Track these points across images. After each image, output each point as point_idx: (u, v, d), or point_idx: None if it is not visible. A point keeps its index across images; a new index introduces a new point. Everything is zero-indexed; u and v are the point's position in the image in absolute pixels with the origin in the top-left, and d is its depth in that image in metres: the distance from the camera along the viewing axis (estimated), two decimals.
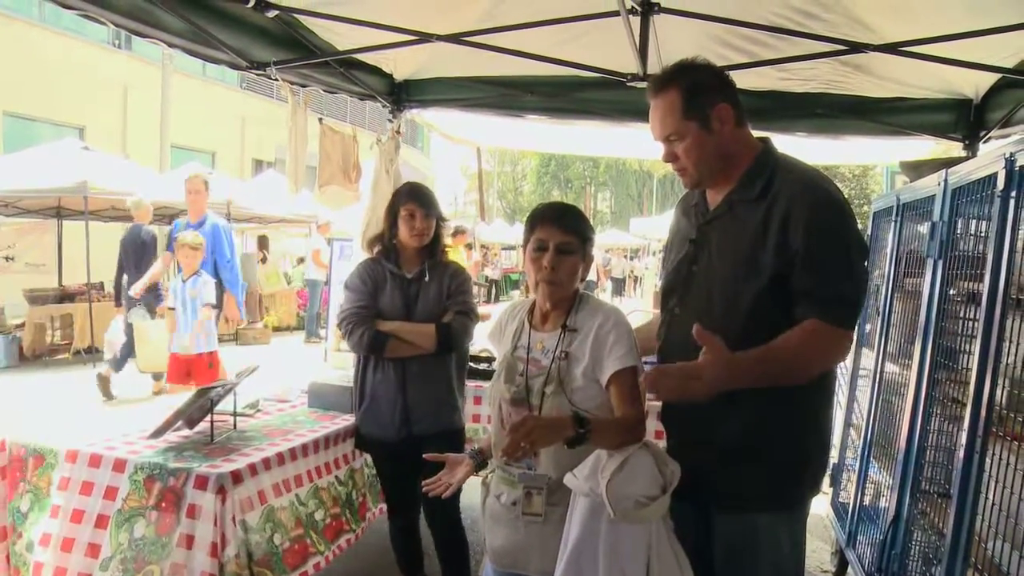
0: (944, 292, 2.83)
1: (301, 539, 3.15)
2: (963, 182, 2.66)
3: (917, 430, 2.90)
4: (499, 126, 6.12)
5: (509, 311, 2.56)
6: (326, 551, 3.29)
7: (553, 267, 2.26)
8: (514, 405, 2.32)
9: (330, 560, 3.33)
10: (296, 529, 3.13)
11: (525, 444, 1.98)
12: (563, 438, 2.04)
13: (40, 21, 16.80)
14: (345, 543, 3.51)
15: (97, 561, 2.88)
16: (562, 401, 2.25)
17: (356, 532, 3.60)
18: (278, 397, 4.12)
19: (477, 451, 2.58)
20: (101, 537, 2.90)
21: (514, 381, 2.33)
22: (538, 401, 2.28)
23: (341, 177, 5.11)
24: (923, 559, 2.82)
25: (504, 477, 2.35)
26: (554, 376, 2.27)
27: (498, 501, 2.37)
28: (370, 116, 24.89)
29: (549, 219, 2.31)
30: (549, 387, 2.26)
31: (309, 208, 13.47)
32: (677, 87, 2.11)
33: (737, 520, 2.13)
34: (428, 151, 37.21)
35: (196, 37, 3.88)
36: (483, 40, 4.28)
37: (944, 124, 5.04)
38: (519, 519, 2.28)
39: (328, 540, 3.35)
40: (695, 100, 2.10)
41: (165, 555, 2.78)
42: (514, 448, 1.98)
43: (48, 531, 2.97)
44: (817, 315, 1.94)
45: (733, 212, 2.13)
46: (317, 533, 3.28)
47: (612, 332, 2.27)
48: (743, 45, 4.28)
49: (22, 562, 3.03)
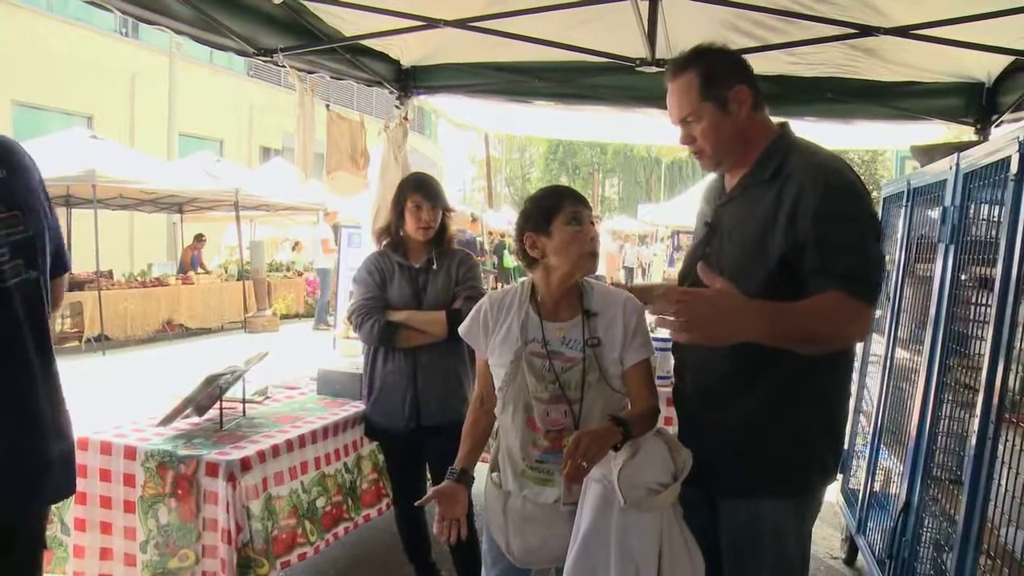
0: (956, 277, 2.81)
1: (292, 528, 3.15)
2: (975, 166, 2.63)
3: (928, 416, 2.89)
4: (507, 112, 6.10)
5: (494, 303, 2.39)
6: (318, 540, 3.30)
7: (598, 238, 2.26)
8: (551, 404, 2.22)
9: (320, 549, 3.32)
10: (289, 518, 3.14)
11: (584, 463, 1.94)
12: (613, 444, 2.02)
13: (48, 10, 16.84)
14: (343, 531, 3.52)
15: (136, 543, 2.99)
16: (604, 389, 2.22)
17: (355, 520, 3.61)
18: (287, 384, 4.14)
19: (460, 472, 2.37)
20: (133, 521, 3.00)
21: (545, 379, 2.23)
22: (577, 394, 2.21)
23: (349, 164, 5.10)
24: (934, 545, 2.81)
25: (536, 475, 2.27)
26: (592, 364, 2.22)
27: (531, 502, 2.28)
28: (377, 103, 24.92)
29: (574, 194, 2.31)
30: (591, 376, 2.21)
31: (317, 196, 13.50)
32: (695, 69, 2.10)
33: (742, 506, 2.13)
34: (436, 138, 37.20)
35: (203, 24, 3.87)
36: (491, 25, 4.26)
37: (956, 108, 4.99)
38: (560, 515, 2.22)
39: (324, 528, 3.36)
40: (713, 82, 2.08)
41: (195, 539, 2.88)
42: (577, 472, 1.94)
43: (80, 516, 3.05)
44: (836, 287, 1.87)
45: (746, 194, 2.12)
46: (314, 521, 3.29)
47: (635, 316, 2.26)
48: (752, 29, 4.24)
49: (57, 543, 3.09)
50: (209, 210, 16.11)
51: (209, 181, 13.64)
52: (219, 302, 14.11)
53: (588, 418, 2.21)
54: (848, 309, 1.89)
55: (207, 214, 16.61)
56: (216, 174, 13.95)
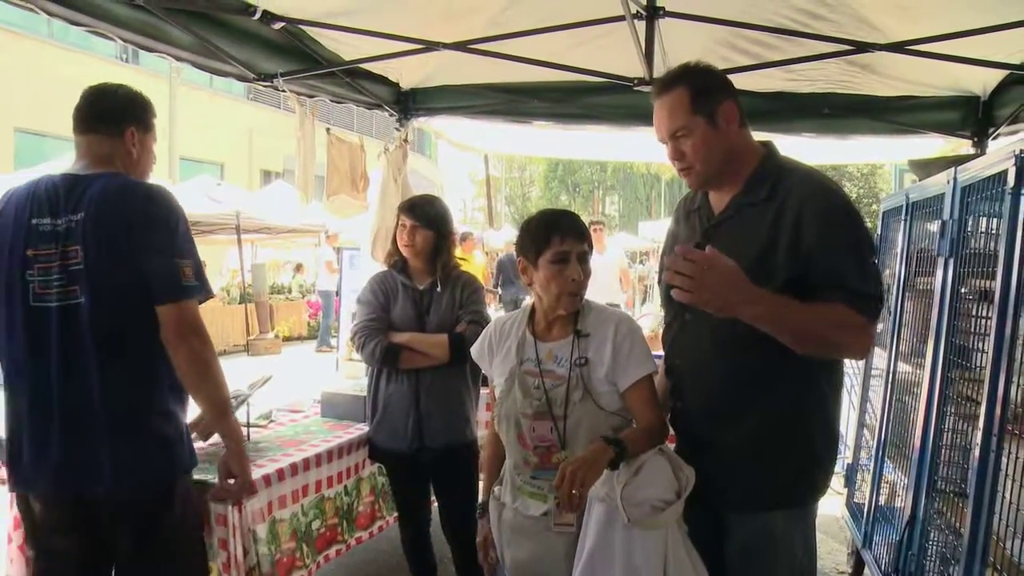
0: (956, 290, 2.81)
1: (292, 552, 3.14)
2: (973, 180, 2.64)
3: (932, 429, 2.88)
4: (506, 133, 6.13)
5: (498, 328, 2.50)
6: (311, 563, 3.28)
7: (580, 279, 2.26)
8: (536, 419, 2.27)
9: (313, 572, 3.29)
10: (289, 542, 3.13)
11: (577, 491, 1.96)
12: (606, 465, 2.03)
13: (49, 38, 16.92)
14: (335, 553, 3.48)
15: None
16: (590, 407, 2.23)
17: (348, 543, 3.57)
18: (291, 407, 4.13)
19: (483, 507, 2.56)
20: None
21: (532, 395, 2.28)
22: (562, 411, 2.24)
23: (349, 187, 5.12)
24: (940, 559, 2.80)
25: (531, 491, 2.31)
26: (577, 383, 2.24)
27: (520, 514, 2.33)
28: (377, 125, 24.96)
29: (566, 228, 2.28)
30: (575, 394, 2.23)
31: (318, 218, 13.50)
32: (685, 84, 2.11)
33: (751, 520, 2.13)
34: (436, 158, 37.24)
35: (203, 50, 3.90)
36: (489, 47, 4.29)
37: (952, 122, 5.02)
38: (549, 531, 2.24)
39: (317, 550, 3.34)
40: (703, 96, 2.10)
41: (213, 555, 2.84)
42: (571, 501, 1.97)
43: None
44: (843, 301, 1.92)
45: (740, 216, 2.13)
46: (308, 544, 3.26)
47: (629, 337, 2.27)
48: (748, 47, 4.27)
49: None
50: (210, 233, 16.09)
51: (210, 205, 13.63)
52: (221, 325, 14.08)
53: (573, 435, 2.24)
54: (854, 323, 1.95)
55: (208, 237, 16.59)
56: (217, 198, 13.94)
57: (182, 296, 2.26)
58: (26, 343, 2.22)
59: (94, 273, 2.19)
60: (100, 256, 2.19)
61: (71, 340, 2.19)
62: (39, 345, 2.21)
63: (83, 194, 2.23)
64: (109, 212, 2.22)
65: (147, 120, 2.48)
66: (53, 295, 2.19)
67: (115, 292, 2.22)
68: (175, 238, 2.29)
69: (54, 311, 2.19)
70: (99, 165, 2.33)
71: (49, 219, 2.22)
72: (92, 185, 2.25)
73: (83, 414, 2.20)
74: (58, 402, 2.20)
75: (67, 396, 2.20)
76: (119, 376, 2.23)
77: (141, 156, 2.45)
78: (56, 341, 2.19)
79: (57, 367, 2.20)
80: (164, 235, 2.27)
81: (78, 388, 2.20)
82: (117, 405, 2.22)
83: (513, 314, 2.53)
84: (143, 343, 2.25)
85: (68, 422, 2.20)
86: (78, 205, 2.21)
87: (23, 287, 2.21)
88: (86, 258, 2.19)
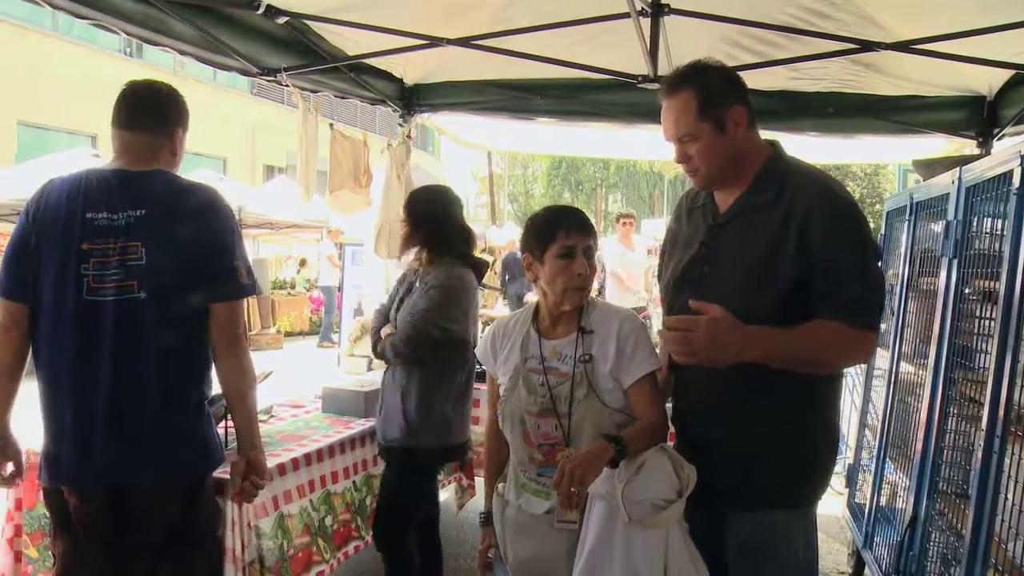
0: (960, 291, 2.80)
1: (307, 547, 3.15)
2: (978, 180, 2.63)
3: (934, 430, 2.88)
4: (510, 129, 6.13)
5: (501, 326, 2.50)
6: (331, 558, 3.29)
7: (586, 273, 2.26)
8: (541, 417, 2.27)
9: (334, 567, 3.31)
10: (303, 536, 3.13)
11: (576, 489, 1.96)
12: (606, 463, 2.03)
13: (54, 31, 16.91)
14: (353, 550, 3.50)
15: None
16: (594, 404, 2.23)
17: (366, 539, 3.58)
18: (292, 403, 4.13)
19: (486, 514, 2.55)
20: None
21: (537, 392, 2.28)
22: (567, 408, 2.24)
23: (351, 182, 5.11)
24: (941, 560, 2.80)
25: (536, 488, 2.31)
26: (581, 379, 2.24)
27: (524, 511, 2.33)
28: (380, 121, 24.93)
29: (572, 223, 2.28)
30: (579, 391, 2.23)
31: (321, 213, 13.48)
32: (692, 88, 2.09)
33: (752, 519, 2.13)
34: (439, 154, 37.19)
35: (207, 44, 3.90)
36: (493, 44, 4.29)
37: (957, 122, 5.00)
38: (552, 528, 2.23)
39: (335, 546, 3.35)
40: (710, 102, 2.08)
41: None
42: (570, 499, 1.98)
43: None
44: (843, 319, 1.94)
45: (745, 217, 2.12)
46: (325, 539, 3.27)
47: (633, 334, 2.26)
48: (753, 45, 4.26)
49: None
50: None
51: None
52: None
53: (577, 432, 2.24)
54: (850, 339, 1.98)
55: None
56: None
57: (239, 295, 2.36)
58: (75, 335, 2.24)
59: (154, 269, 2.23)
60: (162, 253, 2.24)
61: (126, 334, 2.23)
62: (90, 337, 2.23)
63: (141, 191, 2.28)
64: (171, 210, 2.30)
65: (188, 121, 2.53)
66: (110, 289, 2.22)
67: (174, 288, 2.26)
68: (233, 239, 2.40)
69: (110, 305, 2.22)
70: (144, 162, 2.37)
71: (106, 213, 2.25)
72: (149, 183, 2.32)
73: (134, 407, 2.24)
74: (107, 395, 2.22)
75: (118, 389, 2.23)
76: (172, 370, 2.30)
77: (179, 156, 2.52)
78: (110, 334, 2.22)
79: (109, 360, 2.22)
80: (224, 236, 2.37)
81: (131, 381, 2.24)
82: (169, 399, 2.29)
83: (517, 313, 2.52)
84: (193, 338, 2.33)
85: (118, 415, 2.23)
86: (137, 201, 2.26)
87: (77, 281, 2.22)
88: (147, 254, 2.22)
